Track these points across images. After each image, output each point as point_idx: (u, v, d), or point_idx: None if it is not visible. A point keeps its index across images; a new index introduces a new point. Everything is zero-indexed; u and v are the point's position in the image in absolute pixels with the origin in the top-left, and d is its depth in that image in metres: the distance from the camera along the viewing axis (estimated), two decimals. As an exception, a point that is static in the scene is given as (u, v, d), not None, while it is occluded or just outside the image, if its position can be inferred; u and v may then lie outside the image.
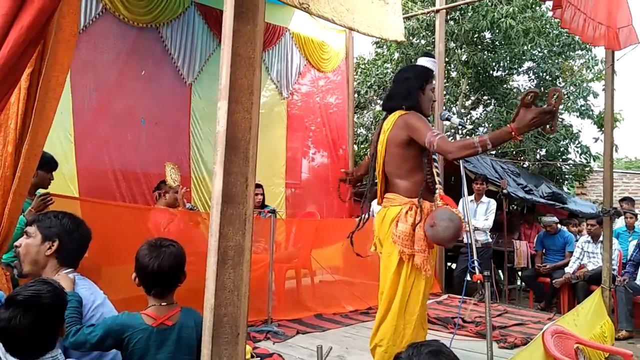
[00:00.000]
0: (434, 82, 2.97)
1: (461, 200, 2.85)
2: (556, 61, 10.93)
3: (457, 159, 2.58)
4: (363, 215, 3.11)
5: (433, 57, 3.12)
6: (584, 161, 10.96)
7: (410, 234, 2.71)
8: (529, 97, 2.27)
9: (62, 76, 2.09)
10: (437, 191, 2.77)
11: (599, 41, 4.62)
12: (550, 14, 10.72)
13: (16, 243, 2.11)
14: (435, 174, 2.82)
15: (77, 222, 2.16)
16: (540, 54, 10.88)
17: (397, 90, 2.96)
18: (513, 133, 2.32)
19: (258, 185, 5.57)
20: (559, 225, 7.28)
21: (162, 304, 2.00)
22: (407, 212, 2.75)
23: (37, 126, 2.03)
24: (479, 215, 6.31)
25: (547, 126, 2.30)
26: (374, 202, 6.66)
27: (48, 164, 3.27)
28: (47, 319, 1.65)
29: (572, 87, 10.81)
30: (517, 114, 2.32)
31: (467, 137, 11.38)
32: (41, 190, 3.24)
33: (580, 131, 11.03)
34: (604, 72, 5.56)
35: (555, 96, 2.26)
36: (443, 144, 2.53)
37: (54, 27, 2.13)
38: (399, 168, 2.85)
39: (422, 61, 3.06)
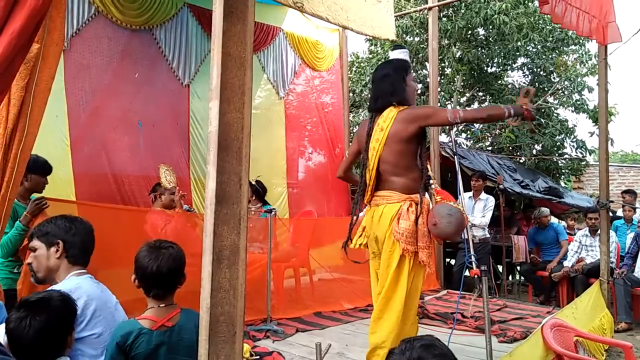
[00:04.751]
0: (412, 72, 2.99)
1: (459, 197, 2.85)
2: (550, 56, 10.95)
3: (486, 120, 2.89)
4: (353, 218, 3.07)
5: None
6: (580, 155, 10.98)
7: (413, 231, 2.71)
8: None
9: (50, 81, 2.09)
10: (433, 186, 2.77)
11: (594, 34, 4.64)
12: (543, 9, 10.74)
13: (27, 260, 2.19)
14: (429, 169, 2.83)
15: (71, 219, 2.19)
16: (534, 50, 10.90)
17: (381, 88, 2.96)
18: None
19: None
20: (549, 218, 7.32)
21: (161, 305, 2.00)
22: (408, 209, 2.74)
23: (26, 131, 2.03)
24: (477, 212, 6.32)
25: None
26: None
27: (42, 168, 3.26)
28: (57, 322, 1.67)
29: (566, 82, 10.83)
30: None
31: (463, 132, 11.40)
32: (36, 195, 3.23)
33: (575, 126, 11.05)
34: (597, 66, 5.58)
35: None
36: (470, 112, 2.75)
37: (45, 32, 2.13)
38: (397, 165, 2.84)
39: (395, 54, 3.06)
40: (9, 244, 3.00)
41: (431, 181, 2.80)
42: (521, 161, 10.41)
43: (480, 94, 11.82)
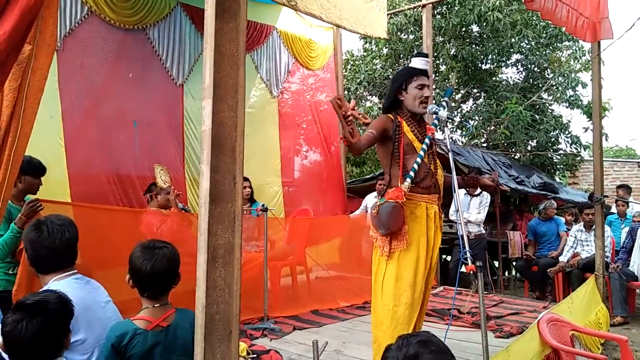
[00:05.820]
0: (422, 78, 2.98)
1: (454, 194, 2.86)
2: (544, 53, 10.98)
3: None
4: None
5: (424, 55, 3.14)
6: (575, 151, 11.02)
7: None
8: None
9: (43, 81, 2.08)
10: (404, 184, 2.82)
11: (580, 33, 4.67)
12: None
13: None
14: (405, 168, 2.89)
15: (36, 226, 2.13)
16: (528, 46, 10.93)
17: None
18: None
19: (245, 179, 5.57)
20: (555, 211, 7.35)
21: (156, 305, 2.00)
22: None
23: (19, 132, 2.02)
24: (472, 208, 6.34)
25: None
26: (369, 197, 6.69)
27: (36, 169, 3.24)
28: (53, 324, 1.65)
29: (560, 78, 10.87)
30: None
31: (458, 129, 11.42)
32: (30, 196, 3.22)
33: (570, 121, 11.10)
34: (591, 62, 5.60)
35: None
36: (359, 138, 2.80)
37: (37, 32, 2.13)
38: (382, 164, 3.08)
39: (412, 61, 3.13)
40: (4, 246, 2.99)
41: (406, 179, 2.83)
42: (516, 157, 10.44)
43: (475, 90, 11.85)
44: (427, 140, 2.97)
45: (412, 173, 2.85)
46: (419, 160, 2.88)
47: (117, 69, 5.27)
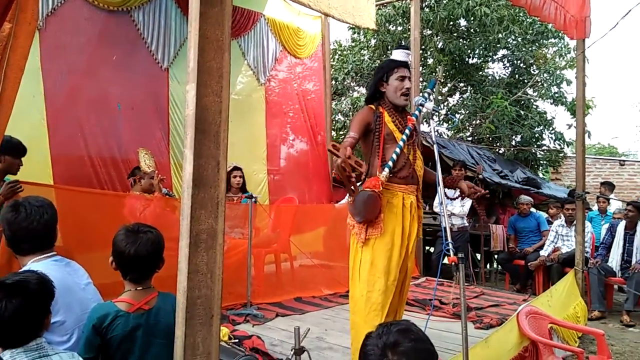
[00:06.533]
0: (403, 70, 3.00)
1: (438, 187, 2.87)
2: (530, 49, 11.06)
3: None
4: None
5: (405, 47, 3.15)
6: (558, 147, 11.16)
7: None
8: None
9: (23, 60, 2.03)
10: (382, 174, 2.83)
11: (571, 30, 4.72)
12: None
13: None
14: (384, 157, 2.90)
15: (14, 207, 2.09)
16: (515, 42, 11.00)
17: None
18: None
19: (237, 168, 5.55)
20: (531, 207, 7.42)
21: (138, 288, 1.99)
22: None
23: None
24: (456, 201, 6.38)
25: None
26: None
27: (16, 149, 3.19)
28: (33, 305, 1.64)
29: (545, 75, 10.97)
30: None
31: (444, 122, 11.49)
32: (10, 177, 3.17)
33: (554, 118, 11.23)
34: (575, 59, 5.65)
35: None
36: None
37: (17, 10, 2.08)
38: (363, 154, 3.09)
39: (393, 53, 3.15)
40: (-20, 226, 2.94)
41: (384, 169, 2.84)
42: (500, 152, 10.54)
43: (462, 84, 11.91)
44: (407, 131, 2.97)
45: (390, 163, 2.86)
46: (397, 150, 2.89)
47: (100, 50, 5.17)
